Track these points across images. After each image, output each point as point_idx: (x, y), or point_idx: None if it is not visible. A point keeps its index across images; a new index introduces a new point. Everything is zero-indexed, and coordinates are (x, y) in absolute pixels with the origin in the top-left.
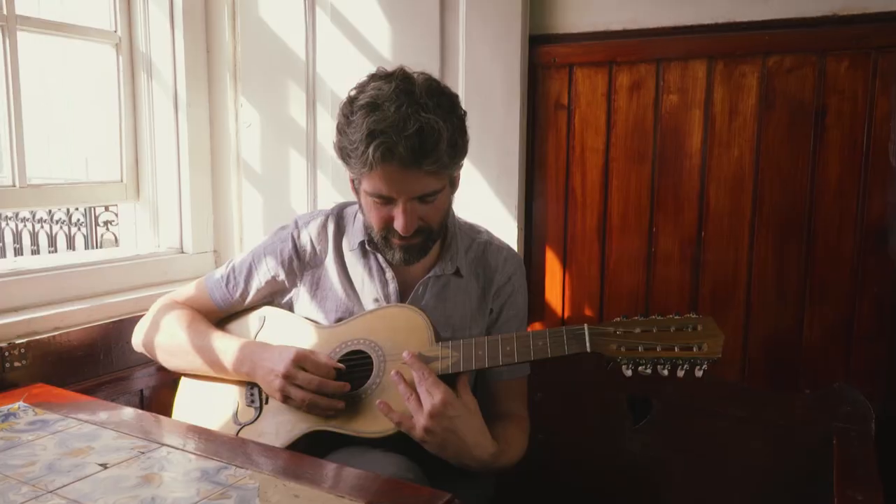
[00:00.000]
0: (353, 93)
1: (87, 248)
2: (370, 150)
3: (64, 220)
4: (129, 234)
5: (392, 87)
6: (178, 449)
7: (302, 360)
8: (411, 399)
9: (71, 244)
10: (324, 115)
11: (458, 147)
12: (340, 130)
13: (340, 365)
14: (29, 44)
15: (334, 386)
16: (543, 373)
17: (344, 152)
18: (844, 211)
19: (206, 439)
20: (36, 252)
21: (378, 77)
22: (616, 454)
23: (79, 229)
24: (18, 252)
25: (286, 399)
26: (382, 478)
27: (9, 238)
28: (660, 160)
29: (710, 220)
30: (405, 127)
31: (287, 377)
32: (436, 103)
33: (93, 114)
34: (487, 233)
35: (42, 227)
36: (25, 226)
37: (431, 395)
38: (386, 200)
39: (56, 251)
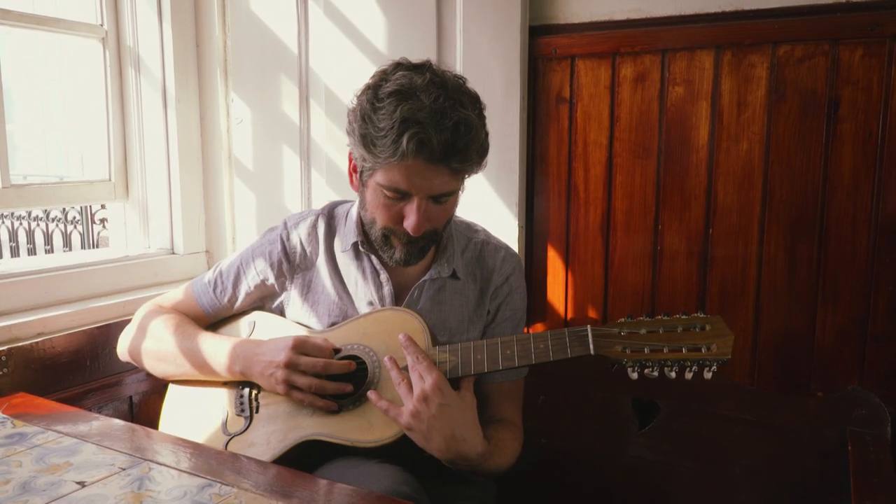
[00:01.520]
0: (374, 80)
1: (83, 245)
2: (404, 138)
3: (60, 218)
4: (118, 235)
5: (425, 79)
6: (161, 464)
7: (301, 346)
8: (402, 384)
9: (67, 242)
10: (317, 111)
11: (484, 148)
12: (364, 116)
13: (338, 346)
14: (23, 39)
15: (339, 366)
16: (546, 374)
17: (367, 139)
18: (858, 206)
19: (192, 453)
20: (32, 251)
21: (405, 66)
22: (621, 459)
23: (75, 227)
24: (14, 250)
25: (291, 390)
26: (376, 494)
27: (4, 236)
28: (665, 154)
29: (717, 217)
30: (442, 120)
31: (290, 365)
32: (468, 100)
33: (86, 110)
34: (485, 232)
35: (38, 224)
36: (21, 224)
37: (423, 380)
38: (400, 196)
39: (52, 249)
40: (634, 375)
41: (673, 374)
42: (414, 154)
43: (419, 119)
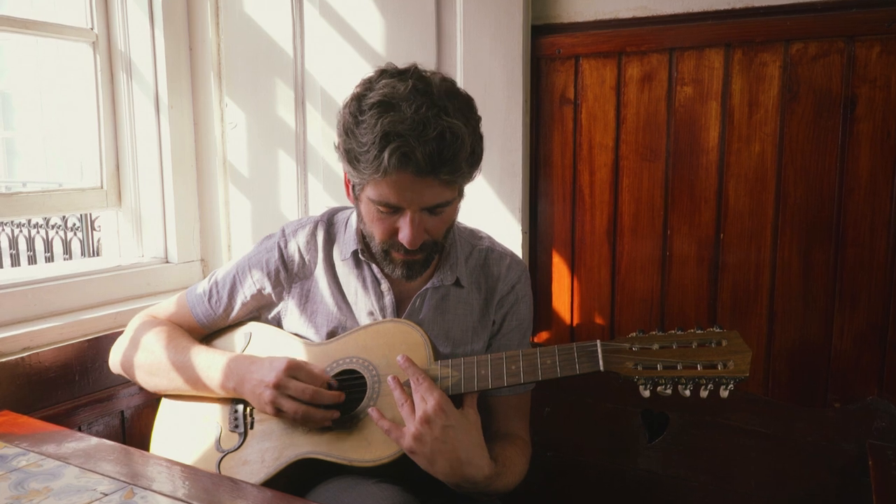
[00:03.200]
0: (358, 90)
1: (83, 252)
2: (385, 153)
3: (60, 225)
4: (111, 244)
5: (408, 86)
6: (145, 489)
7: (295, 370)
8: (405, 405)
9: (67, 249)
10: (314, 115)
11: (476, 155)
12: (347, 131)
13: (333, 381)
14: (23, 45)
15: (329, 396)
16: (551, 384)
17: (351, 155)
18: (877, 209)
19: (180, 476)
20: (33, 258)
21: (389, 74)
22: (630, 473)
23: (75, 234)
24: (15, 258)
25: (278, 412)
26: None
27: (5, 244)
28: (674, 157)
29: (729, 221)
30: (425, 131)
31: (279, 387)
32: (455, 106)
33: (80, 117)
34: (489, 238)
35: (38, 232)
36: (21, 231)
37: (425, 401)
38: (392, 210)
39: (52, 257)
40: (647, 393)
41: (687, 393)
42: (397, 169)
43: (400, 132)
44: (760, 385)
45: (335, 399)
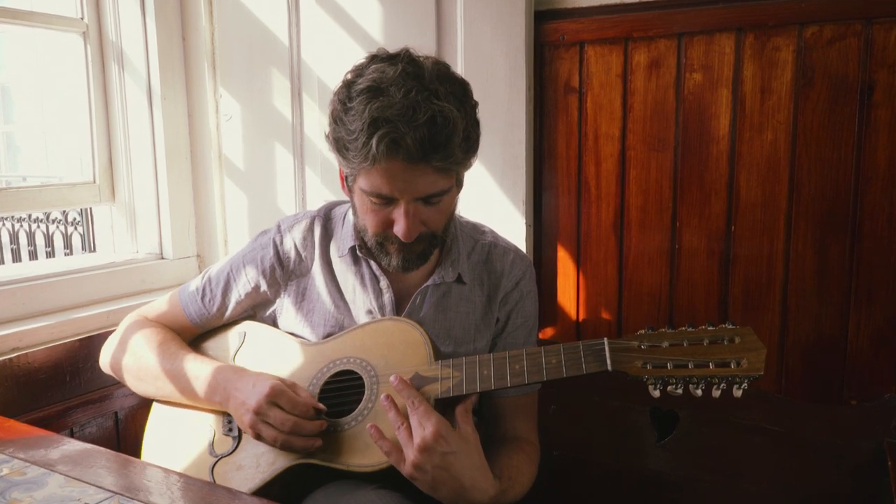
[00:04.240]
0: (349, 76)
1: (84, 247)
2: (373, 141)
3: (60, 220)
4: (105, 240)
5: (398, 70)
6: (131, 498)
7: (277, 397)
8: (402, 429)
9: (68, 244)
10: (310, 106)
11: (471, 141)
12: (336, 119)
13: (321, 406)
14: (23, 38)
15: (311, 427)
16: (557, 382)
17: (340, 143)
18: (895, 200)
19: (169, 485)
20: (34, 253)
21: (380, 59)
22: (638, 472)
23: (75, 228)
24: (16, 253)
25: (258, 437)
26: None
27: (6, 239)
28: (683, 146)
29: (740, 212)
30: (415, 115)
31: (259, 414)
32: (447, 90)
33: (73, 110)
34: (492, 233)
35: (38, 227)
36: (22, 226)
37: (423, 427)
38: (386, 201)
39: (53, 252)
40: (656, 393)
41: (699, 392)
42: (387, 156)
43: (389, 117)
44: (773, 382)
45: (317, 429)
